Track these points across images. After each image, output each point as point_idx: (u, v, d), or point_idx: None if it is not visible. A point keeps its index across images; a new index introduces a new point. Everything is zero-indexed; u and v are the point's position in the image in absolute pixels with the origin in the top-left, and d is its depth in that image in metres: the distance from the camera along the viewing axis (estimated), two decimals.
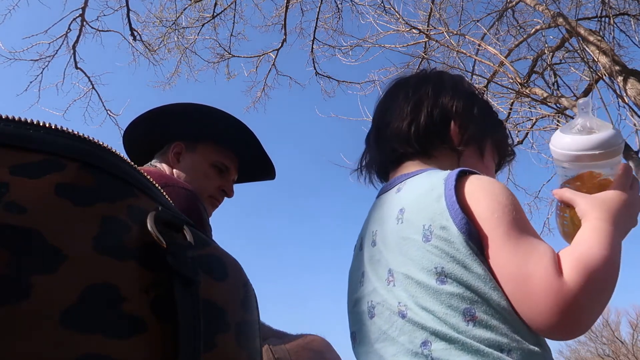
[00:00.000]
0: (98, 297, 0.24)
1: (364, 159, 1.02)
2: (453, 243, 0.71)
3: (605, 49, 5.25)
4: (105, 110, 7.31)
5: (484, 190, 0.75)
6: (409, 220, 0.78)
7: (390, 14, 6.48)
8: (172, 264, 0.28)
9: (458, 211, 0.72)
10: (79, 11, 6.91)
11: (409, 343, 0.73)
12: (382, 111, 1.00)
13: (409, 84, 0.99)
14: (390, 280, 0.79)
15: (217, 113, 1.11)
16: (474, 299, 0.69)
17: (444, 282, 0.71)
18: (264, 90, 8.13)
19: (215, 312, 0.29)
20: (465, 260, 0.70)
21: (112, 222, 0.27)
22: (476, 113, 0.93)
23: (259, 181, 1.32)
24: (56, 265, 0.24)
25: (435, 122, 0.91)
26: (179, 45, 7.91)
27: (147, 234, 0.28)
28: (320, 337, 0.97)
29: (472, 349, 0.67)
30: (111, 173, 0.29)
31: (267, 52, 8.00)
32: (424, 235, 0.74)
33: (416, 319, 0.73)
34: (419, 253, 0.74)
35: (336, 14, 7.84)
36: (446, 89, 0.95)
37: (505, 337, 0.68)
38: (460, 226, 0.71)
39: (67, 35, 6.96)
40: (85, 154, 0.28)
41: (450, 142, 0.91)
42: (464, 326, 0.69)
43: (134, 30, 7.47)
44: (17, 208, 0.24)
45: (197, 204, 0.88)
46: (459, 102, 0.93)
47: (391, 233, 0.81)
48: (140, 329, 0.25)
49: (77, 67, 7.14)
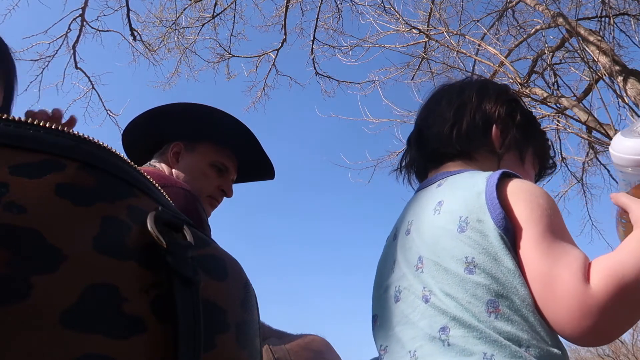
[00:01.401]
0: (98, 297, 0.24)
1: (405, 160, 1.05)
2: (487, 236, 0.73)
3: (605, 49, 5.25)
4: (105, 110, 7.32)
5: (525, 191, 0.77)
6: (446, 212, 0.79)
7: (390, 14, 6.49)
8: (172, 264, 0.27)
9: (497, 206, 0.73)
10: (79, 11, 6.91)
11: (428, 327, 0.74)
12: (425, 114, 1.02)
13: (452, 89, 1.02)
14: (419, 267, 0.80)
15: (216, 113, 1.11)
16: (500, 293, 0.70)
17: (472, 272, 0.72)
18: (264, 90, 8.14)
19: (215, 312, 0.29)
20: (497, 254, 0.72)
21: (112, 222, 0.27)
22: (518, 120, 0.95)
23: (259, 181, 1.32)
24: (56, 265, 0.24)
25: (477, 126, 0.93)
26: (179, 45, 7.92)
27: (147, 234, 0.28)
28: (320, 337, 0.97)
29: (490, 339, 0.68)
30: (111, 173, 0.29)
31: (267, 52, 8.00)
32: (459, 226, 0.76)
33: (438, 304, 0.74)
34: (451, 242, 0.76)
35: (336, 14, 7.84)
36: (489, 95, 0.98)
37: (525, 333, 0.68)
38: (497, 221, 0.73)
39: (67, 35, 6.96)
40: (85, 154, 0.28)
41: (491, 145, 0.93)
42: (485, 316, 0.70)
43: (134, 30, 7.47)
44: (17, 208, 0.24)
45: (196, 204, 0.88)
46: (502, 108, 0.95)
47: (427, 223, 0.83)
48: (140, 329, 0.25)
49: (77, 67, 7.14)
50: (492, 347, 0.67)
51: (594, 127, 5.29)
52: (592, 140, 5.89)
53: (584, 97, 6.11)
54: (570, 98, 5.90)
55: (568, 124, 5.77)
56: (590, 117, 5.24)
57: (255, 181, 1.32)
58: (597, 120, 5.23)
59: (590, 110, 5.48)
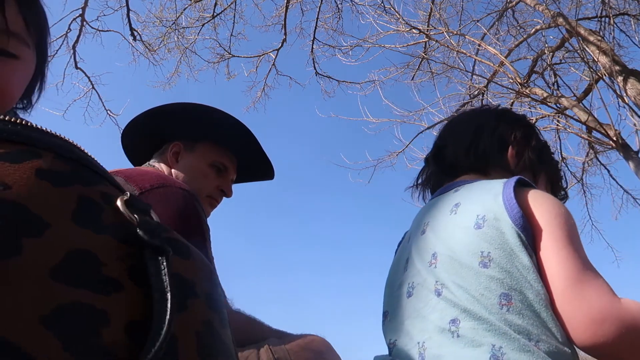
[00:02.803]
0: (80, 259, 0.27)
1: (421, 177, 1.08)
2: (504, 233, 0.74)
3: (605, 49, 5.25)
4: (105, 110, 7.31)
5: (548, 199, 0.80)
6: (463, 211, 0.82)
7: (390, 14, 6.48)
8: (142, 236, 0.31)
9: (515, 206, 0.75)
10: (79, 11, 6.91)
11: (439, 320, 0.75)
12: (444, 134, 1.08)
13: (472, 113, 1.10)
14: (432, 263, 0.82)
15: (216, 113, 1.11)
16: (514, 286, 0.72)
17: (487, 265, 0.73)
18: (264, 90, 8.14)
19: (184, 282, 0.32)
20: (513, 249, 0.73)
21: (88, 202, 0.30)
22: (534, 143, 1.00)
23: (258, 181, 1.32)
24: (41, 231, 0.27)
25: (494, 145, 0.98)
26: (179, 45, 7.92)
27: (120, 215, 0.31)
28: (320, 337, 0.97)
29: (500, 331, 0.69)
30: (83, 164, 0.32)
31: (267, 52, 7.99)
32: (476, 224, 0.78)
33: (450, 296, 0.75)
34: (467, 238, 0.77)
35: (336, 14, 7.84)
36: (507, 119, 1.04)
37: (536, 328, 0.69)
38: (515, 219, 0.74)
39: (67, 35, 6.95)
40: (57, 147, 0.32)
41: (506, 164, 0.97)
42: (497, 309, 0.71)
43: (134, 30, 7.46)
44: (3, 185, 0.27)
45: (195, 204, 0.88)
46: (519, 132, 1.00)
47: (443, 222, 0.85)
48: (118, 289, 0.28)
49: (77, 67, 7.13)
50: (501, 339, 0.68)
51: (594, 127, 5.29)
52: (592, 140, 5.88)
53: (584, 97, 6.11)
54: (570, 98, 5.90)
55: (568, 124, 5.77)
56: (590, 117, 5.24)
57: (254, 181, 1.32)
58: (597, 120, 5.23)
59: (590, 110, 5.48)
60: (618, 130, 5.11)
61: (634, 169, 4.96)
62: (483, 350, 0.68)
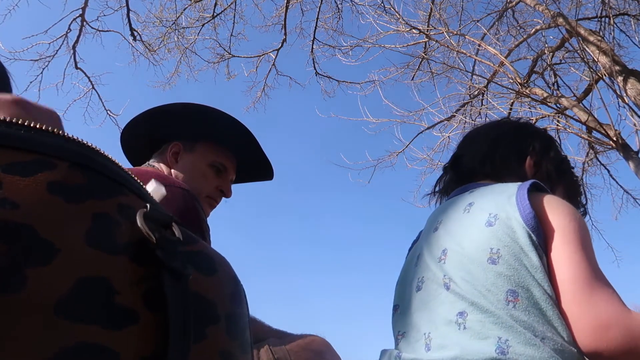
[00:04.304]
0: (91, 289, 0.25)
1: (439, 184, 1.09)
2: (515, 232, 0.75)
3: (605, 49, 5.25)
4: (105, 110, 7.30)
5: (563, 204, 0.80)
6: (476, 210, 0.83)
7: (390, 14, 6.48)
8: (161, 257, 0.28)
9: (527, 206, 0.76)
10: (79, 11, 6.91)
11: (446, 312, 0.76)
12: (463, 144, 1.09)
13: (492, 125, 1.11)
14: (442, 259, 0.83)
15: (215, 113, 1.11)
16: (521, 284, 0.72)
17: (495, 262, 0.74)
18: (264, 90, 8.13)
19: (205, 305, 0.30)
20: (523, 248, 0.74)
21: (102, 219, 0.28)
22: (552, 155, 1.01)
23: (257, 181, 1.32)
24: (50, 258, 0.24)
25: (511, 156, 0.98)
26: (179, 45, 7.91)
27: (137, 231, 0.29)
28: (320, 337, 0.97)
29: (506, 324, 0.69)
30: (100, 172, 0.30)
31: (267, 52, 7.99)
32: (487, 222, 0.78)
33: (458, 290, 0.76)
34: (478, 234, 0.78)
35: (336, 14, 7.84)
36: (527, 130, 1.04)
37: (542, 325, 0.69)
38: (527, 219, 0.75)
39: (67, 35, 6.95)
40: (73, 154, 0.29)
41: (523, 174, 0.97)
42: (503, 304, 0.71)
43: (134, 30, 7.46)
44: (11, 204, 0.25)
45: (195, 204, 0.88)
46: (537, 143, 1.01)
47: (455, 220, 0.86)
48: (132, 321, 0.26)
49: (77, 67, 7.13)
50: (507, 332, 0.68)
51: (594, 127, 5.29)
52: (592, 140, 5.88)
53: (584, 97, 6.11)
54: (570, 98, 5.90)
55: (568, 124, 5.77)
56: (590, 117, 5.24)
57: (254, 182, 1.32)
58: (597, 120, 5.23)
59: (590, 110, 5.48)
60: (618, 130, 5.11)
61: (634, 169, 4.96)
62: (489, 343, 0.68)
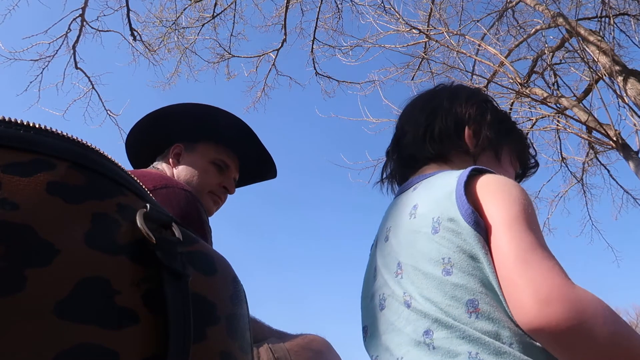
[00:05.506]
0: (90, 289, 0.25)
1: (385, 171, 1.05)
2: (461, 234, 0.72)
3: (605, 49, 5.25)
4: (105, 110, 7.31)
5: (495, 183, 0.76)
6: (421, 215, 0.79)
7: (390, 14, 6.49)
8: (161, 258, 0.28)
9: (465, 203, 0.72)
10: (79, 11, 6.91)
11: (413, 332, 0.74)
12: (400, 123, 1.04)
13: (425, 96, 1.03)
14: (398, 273, 0.80)
15: (215, 112, 1.11)
16: (478, 290, 0.69)
17: (450, 272, 0.71)
18: (264, 90, 8.14)
19: (204, 305, 0.30)
20: (472, 251, 0.70)
21: (102, 219, 0.28)
22: (489, 119, 0.95)
23: (261, 181, 1.32)
24: (49, 259, 0.24)
25: (450, 128, 0.93)
26: (179, 45, 7.92)
27: (137, 231, 0.29)
28: (320, 337, 0.97)
29: (472, 337, 0.67)
30: (100, 172, 0.30)
31: (267, 52, 8.00)
32: (432, 228, 0.75)
33: (419, 307, 0.73)
34: (427, 245, 0.75)
35: (336, 14, 7.85)
36: (460, 97, 0.98)
37: (507, 329, 0.67)
38: (467, 217, 0.71)
39: (67, 35, 6.96)
40: (73, 154, 0.29)
41: (465, 146, 0.93)
42: (466, 318, 0.69)
43: (134, 30, 7.47)
44: (10, 205, 0.25)
45: (196, 205, 0.88)
46: (472, 109, 0.96)
47: (403, 228, 0.83)
48: (132, 321, 0.26)
49: (77, 67, 7.14)
50: (476, 346, 0.67)
51: (594, 127, 5.29)
52: (592, 140, 5.89)
53: (584, 97, 6.11)
54: (570, 98, 5.90)
55: (568, 124, 5.78)
56: (590, 117, 5.24)
57: (257, 182, 1.32)
58: (597, 120, 5.24)
59: (590, 110, 5.48)
60: (618, 130, 5.12)
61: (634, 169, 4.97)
62: (461, 359, 0.67)
